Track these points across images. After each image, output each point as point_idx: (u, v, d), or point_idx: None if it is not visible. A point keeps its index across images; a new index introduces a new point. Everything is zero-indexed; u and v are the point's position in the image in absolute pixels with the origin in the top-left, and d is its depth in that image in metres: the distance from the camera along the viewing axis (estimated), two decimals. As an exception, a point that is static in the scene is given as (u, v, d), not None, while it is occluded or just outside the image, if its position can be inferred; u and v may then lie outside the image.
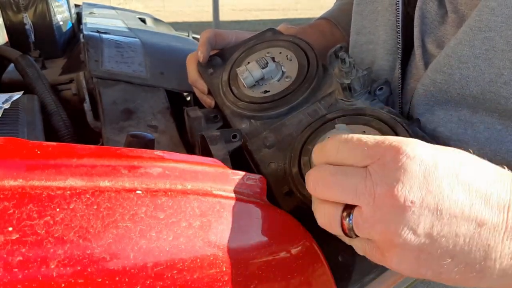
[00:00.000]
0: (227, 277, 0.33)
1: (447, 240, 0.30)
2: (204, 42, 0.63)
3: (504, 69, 0.40)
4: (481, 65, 0.41)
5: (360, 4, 0.58)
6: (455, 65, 0.43)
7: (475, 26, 0.41)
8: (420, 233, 0.30)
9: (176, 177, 0.34)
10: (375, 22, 0.56)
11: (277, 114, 0.52)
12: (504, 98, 0.41)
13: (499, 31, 0.39)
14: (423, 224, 0.30)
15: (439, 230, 0.30)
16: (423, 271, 0.31)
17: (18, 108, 0.58)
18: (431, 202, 0.30)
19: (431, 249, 0.30)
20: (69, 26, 1.07)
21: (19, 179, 0.28)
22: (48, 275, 0.27)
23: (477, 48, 0.41)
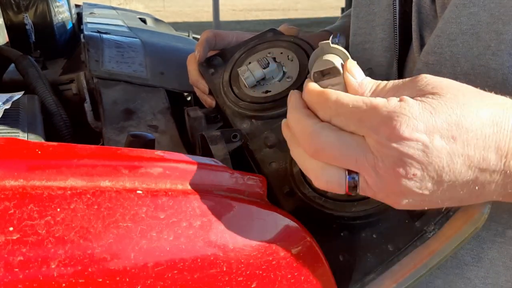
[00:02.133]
0: (227, 277, 0.33)
1: (451, 202, 0.34)
2: (202, 42, 0.63)
3: (491, 40, 0.41)
4: (468, 40, 0.43)
5: (357, 6, 0.59)
6: (445, 44, 0.44)
7: (460, 3, 0.42)
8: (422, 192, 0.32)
9: (177, 177, 0.34)
10: (372, 23, 0.57)
11: (278, 114, 0.52)
12: (494, 70, 0.42)
13: (482, 5, 0.41)
14: (425, 190, 0.32)
15: (438, 191, 0.32)
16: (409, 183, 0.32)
17: (18, 108, 0.58)
18: (432, 172, 0.31)
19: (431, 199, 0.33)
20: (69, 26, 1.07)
21: (19, 179, 0.29)
22: (48, 275, 0.27)
23: (463, 24, 0.43)
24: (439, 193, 0.33)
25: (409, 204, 0.34)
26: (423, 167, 0.31)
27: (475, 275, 0.50)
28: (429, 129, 0.30)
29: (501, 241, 0.47)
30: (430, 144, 0.30)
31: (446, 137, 0.31)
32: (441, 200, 0.34)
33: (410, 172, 0.31)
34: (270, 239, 0.36)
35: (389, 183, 0.32)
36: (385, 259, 0.41)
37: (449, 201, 0.34)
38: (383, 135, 0.31)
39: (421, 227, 0.41)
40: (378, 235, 0.42)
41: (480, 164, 0.32)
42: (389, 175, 0.32)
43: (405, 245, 0.41)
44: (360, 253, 0.42)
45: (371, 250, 0.41)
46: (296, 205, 0.45)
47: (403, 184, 0.32)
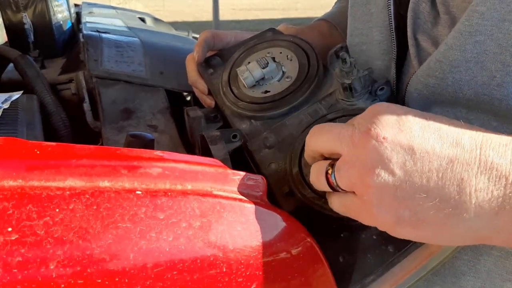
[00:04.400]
0: (227, 278, 0.33)
1: (420, 175, 0.32)
2: (200, 42, 0.63)
3: (497, 71, 0.40)
4: (473, 68, 0.42)
5: (353, 6, 0.59)
6: (447, 70, 0.43)
7: (465, 31, 0.41)
8: (393, 168, 0.32)
9: (176, 177, 0.34)
10: (368, 24, 0.56)
11: (278, 114, 0.52)
12: (498, 100, 0.41)
13: (489, 34, 0.40)
14: (395, 159, 0.32)
15: (412, 165, 0.32)
16: (401, 211, 0.33)
17: (17, 108, 0.58)
18: (403, 140, 0.33)
19: (405, 185, 0.32)
20: (68, 25, 1.07)
21: (18, 180, 0.28)
22: (47, 276, 0.27)
23: (468, 52, 0.41)
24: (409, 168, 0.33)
25: (381, 184, 0.33)
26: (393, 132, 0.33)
27: (472, 285, 0.50)
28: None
29: (498, 255, 0.47)
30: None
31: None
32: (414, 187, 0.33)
33: (381, 134, 0.33)
34: (270, 239, 0.36)
35: (363, 148, 0.34)
36: (385, 260, 0.41)
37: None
38: (367, 110, 0.36)
39: None
40: (378, 236, 0.42)
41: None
42: (363, 139, 0.34)
43: (406, 247, 0.41)
44: (360, 254, 0.41)
45: (371, 251, 0.41)
46: (296, 206, 0.45)
47: (373, 146, 0.33)
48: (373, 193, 0.33)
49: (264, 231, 0.36)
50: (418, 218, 0.33)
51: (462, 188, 0.32)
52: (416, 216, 0.33)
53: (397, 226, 0.34)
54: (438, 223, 0.33)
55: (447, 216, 0.32)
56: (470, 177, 0.32)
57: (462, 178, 0.32)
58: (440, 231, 0.33)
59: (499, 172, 0.31)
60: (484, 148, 0.32)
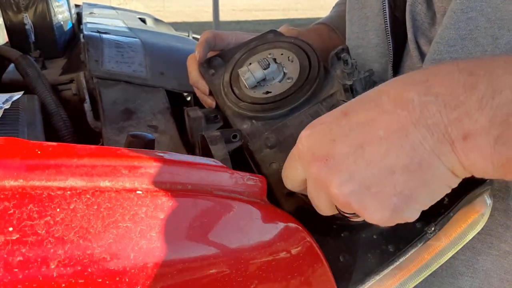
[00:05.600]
0: (227, 277, 0.33)
1: (374, 163, 0.31)
2: (202, 42, 0.63)
3: (488, 45, 0.41)
4: (468, 45, 0.43)
5: (350, 11, 0.60)
6: (444, 50, 0.44)
7: (458, 9, 0.42)
8: (349, 177, 0.32)
9: (176, 177, 0.34)
10: (365, 27, 0.57)
11: (279, 115, 0.52)
12: None
13: (479, 10, 0.41)
14: (345, 165, 0.32)
15: (360, 163, 0.32)
16: (390, 200, 0.32)
17: (18, 108, 0.58)
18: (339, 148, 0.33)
19: (372, 178, 0.31)
20: (69, 26, 1.07)
21: (19, 179, 0.28)
22: (48, 275, 0.27)
23: (462, 30, 0.43)
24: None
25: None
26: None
27: (469, 286, 0.50)
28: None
29: (496, 254, 0.47)
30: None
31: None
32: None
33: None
34: (270, 239, 0.36)
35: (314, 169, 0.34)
36: (385, 260, 0.41)
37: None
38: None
39: (421, 228, 0.41)
40: (379, 236, 0.42)
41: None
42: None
43: (406, 246, 0.41)
44: (360, 254, 0.41)
45: (372, 251, 0.41)
46: (296, 205, 0.45)
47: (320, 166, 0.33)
48: (354, 202, 0.32)
49: (264, 231, 0.36)
50: (408, 197, 0.32)
51: (416, 148, 0.30)
52: (406, 199, 0.32)
53: (396, 214, 0.33)
54: (421, 193, 0.32)
55: (422, 182, 0.31)
56: (414, 134, 0.30)
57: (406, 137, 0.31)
58: (427, 187, 0.32)
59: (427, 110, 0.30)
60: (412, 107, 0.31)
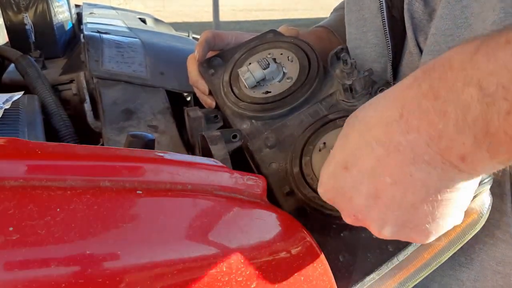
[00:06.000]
0: (227, 277, 0.33)
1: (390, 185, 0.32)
2: (201, 42, 0.63)
3: (480, 30, 0.42)
4: (464, 33, 0.43)
5: (348, 13, 0.60)
6: (442, 40, 0.44)
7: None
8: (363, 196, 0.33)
9: (176, 177, 0.34)
10: (362, 29, 0.57)
11: (278, 115, 0.52)
12: None
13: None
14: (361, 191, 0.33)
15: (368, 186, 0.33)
16: (427, 230, 0.33)
17: (18, 108, 0.58)
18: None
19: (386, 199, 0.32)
20: (69, 26, 1.07)
21: (19, 179, 0.28)
22: (48, 275, 0.27)
23: (458, 18, 0.43)
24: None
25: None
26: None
27: (467, 278, 0.50)
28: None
29: (491, 243, 0.47)
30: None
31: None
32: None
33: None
34: (270, 239, 0.36)
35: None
36: (385, 260, 0.41)
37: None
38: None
39: None
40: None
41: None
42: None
43: (405, 246, 0.41)
44: (360, 253, 0.42)
45: (371, 250, 0.42)
46: (296, 205, 0.45)
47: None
48: (400, 237, 0.34)
49: (264, 231, 0.36)
50: (439, 218, 0.32)
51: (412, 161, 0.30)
52: (436, 219, 0.32)
53: (439, 232, 0.34)
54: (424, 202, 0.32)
55: (439, 199, 0.31)
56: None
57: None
58: (421, 193, 0.32)
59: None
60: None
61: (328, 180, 0.36)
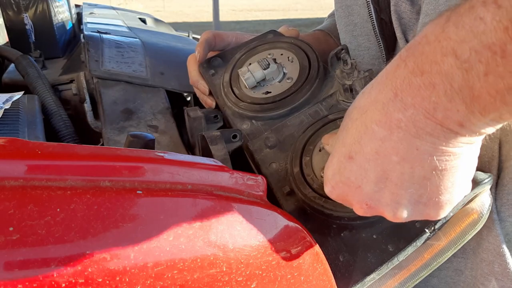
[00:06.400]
0: (227, 277, 0.33)
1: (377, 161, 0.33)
2: (202, 43, 0.63)
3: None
4: None
5: (338, 19, 0.62)
6: None
7: None
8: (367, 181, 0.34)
9: (177, 177, 0.34)
10: (353, 33, 0.59)
11: (279, 115, 0.52)
12: None
13: None
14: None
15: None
16: (442, 202, 0.34)
17: (18, 108, 0.58)
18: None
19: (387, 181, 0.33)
20: (69, 26, 1.07)
21: (19, 180, 0.28)
22: (48, 275, 0.27)
23: (441, 6, 0.43)
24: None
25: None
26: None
27: (464, 267, 0.50)
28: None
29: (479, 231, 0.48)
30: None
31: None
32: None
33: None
34: (270, 239, 0.36)
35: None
36: (385, 260, 0.41)
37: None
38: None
39: (421, 227, 0.41)
40: (379, 235, 0.42)
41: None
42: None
43: (406, 246, 0.41)
44: (360, 253, 0.42)
45: (372, 250, 0.42)
46: (296, 205, 0.45)
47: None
48: (416, 217, 0.35)
49: (264, 231, 0.36)
50: (452, 187, 0.33)
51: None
52: (448, 189, 0.33)
53: (453, 204, 0.34)
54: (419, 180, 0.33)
55: (450, 167, 0.32)
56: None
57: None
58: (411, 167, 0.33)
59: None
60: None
61: (333, 176, 0.36)
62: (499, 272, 0.48)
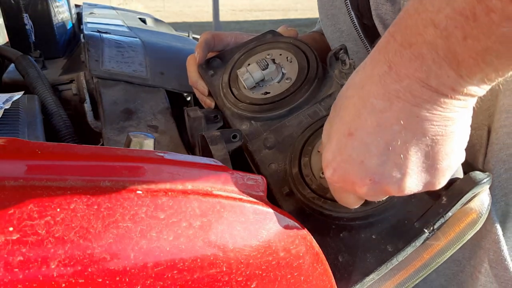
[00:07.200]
0: (227, 277, 0.33)
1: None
2: (201, 43, 0.63)
3: None
4: None
5: (325, 28, 0.64)
6: None
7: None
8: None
9: (177, 177, 0.34)
10: (339, 39, 0.61)
11: (278, 115, 0.52)
12: None
13: None
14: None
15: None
16: (447, 168, 0.35)
17: (18, 108, 0.58)
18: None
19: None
20: (69, 26, 1.07)
21: (19, 179, 0.29)
22: (48, 275, 0.27)
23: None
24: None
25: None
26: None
27: (462, 257, 0.51)
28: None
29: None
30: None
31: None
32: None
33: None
34: (270, 239, 0.36)
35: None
36: (384, 260, 0.41)
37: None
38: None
39: (420, 227, 0.41)
40: (378, 236, 0.42)
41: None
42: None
43: (405, 246, 0.41)
44: (359, 254, 0.42)
45: (371, 251, 0.42)
46: (296, 206, 0.45)
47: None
48: (422, 189, 0.36)
49: (264, 231, 0.36)
50: (457, 152, 0.35)
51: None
52: (454, 153, 0.34)
53: (452, 170, 0.35)
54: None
55: (451, 131, 0.33)
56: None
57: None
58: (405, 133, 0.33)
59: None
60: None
61: (334, 157, 0.36)
62: (494, 259, 0.49)
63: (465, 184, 0.41)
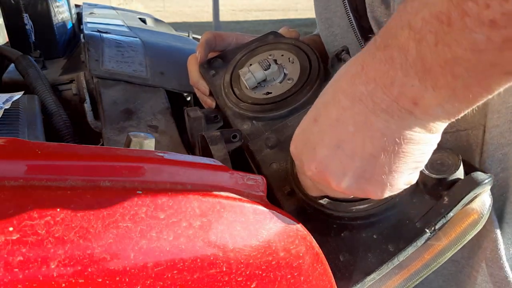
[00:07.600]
0: (227, 277, 0.33)
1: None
2: (202, 43, 0.63)
3: None
4: None
5: (321, 32, 0.64)
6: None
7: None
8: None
9: (176, 177, 0.34)
10: (334, 43, 0.62)
11: (279, 115, 0.52)
12: None
13: None
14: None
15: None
16: (383, 182, 0.34)
17: (18, 108, 0.58)
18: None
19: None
20: (69, 26, 1.07)
21: (19, 179, 0.28)
22: (48, 275, 0.27)
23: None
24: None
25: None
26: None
27: (461, 256, 0.51)
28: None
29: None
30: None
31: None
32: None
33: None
34: (270, 239, 0.36)
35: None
36: (385, 260, 0.41)
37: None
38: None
39: (421, 227, 0.41)
40: (379, 235, 0.42)
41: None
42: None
43: (406, 246, 0.41)
44: (360, 253, 0.42)
45: (372, 250, 0.42)
46: (297, 205, 0.45)
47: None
48: (356, 191, 0.36)
49: (264, 231, 0.36)
50: (395, 171, 0.34)
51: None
52: (392, 171, 0.34)
53: (394, 187, 0.35)
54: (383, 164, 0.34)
55: (397, 150, 0.33)
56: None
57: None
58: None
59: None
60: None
61: (298, 134, 0.38)
62: (490, 258, 0.49)
63: (466, 185, 0.41)
